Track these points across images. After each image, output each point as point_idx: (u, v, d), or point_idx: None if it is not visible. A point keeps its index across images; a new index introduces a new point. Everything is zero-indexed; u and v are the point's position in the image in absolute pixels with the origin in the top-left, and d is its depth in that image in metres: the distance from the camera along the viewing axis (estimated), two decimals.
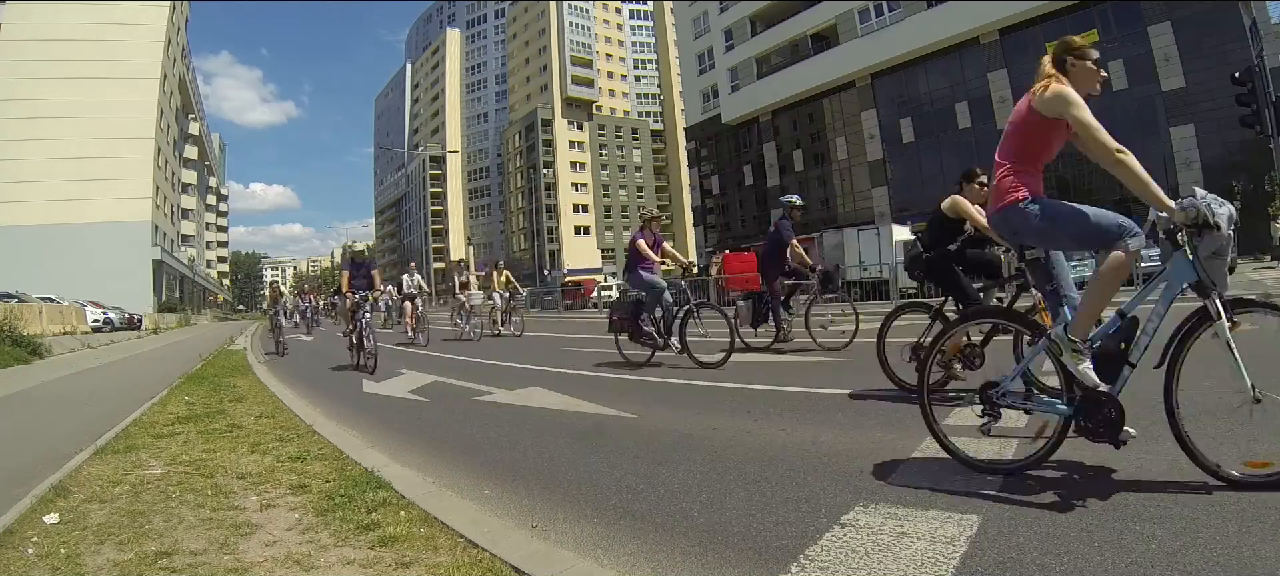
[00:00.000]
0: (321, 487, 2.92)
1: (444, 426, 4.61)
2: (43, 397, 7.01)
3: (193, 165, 61.83)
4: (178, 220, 56.35)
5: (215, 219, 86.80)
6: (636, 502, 2.59)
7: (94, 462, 3.52)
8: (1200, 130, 23.87)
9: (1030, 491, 2.29)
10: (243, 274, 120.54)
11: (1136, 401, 3.46)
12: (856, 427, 3.51)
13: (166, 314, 37.09)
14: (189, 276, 57.49)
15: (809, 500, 2.42)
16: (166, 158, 49.79)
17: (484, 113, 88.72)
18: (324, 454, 3.60)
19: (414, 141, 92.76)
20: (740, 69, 41.63)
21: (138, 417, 4.89)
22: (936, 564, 1.80)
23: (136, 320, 27.82)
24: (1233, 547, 1.74)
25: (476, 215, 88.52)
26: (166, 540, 2.33)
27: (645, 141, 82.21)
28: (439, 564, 2.02)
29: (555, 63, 75.86)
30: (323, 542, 2.27)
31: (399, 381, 6.96)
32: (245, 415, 4.98)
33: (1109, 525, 1.95)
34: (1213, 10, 23.56)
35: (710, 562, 1.99)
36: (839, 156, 36.72)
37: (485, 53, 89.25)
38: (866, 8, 34.01)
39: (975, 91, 30.45)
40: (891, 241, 18.76)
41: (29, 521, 2.55)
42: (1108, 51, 26.31)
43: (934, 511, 2.17)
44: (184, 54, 56.99)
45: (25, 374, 9.37)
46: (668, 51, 76.11)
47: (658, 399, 4.86)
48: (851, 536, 2.04)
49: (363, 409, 5.51)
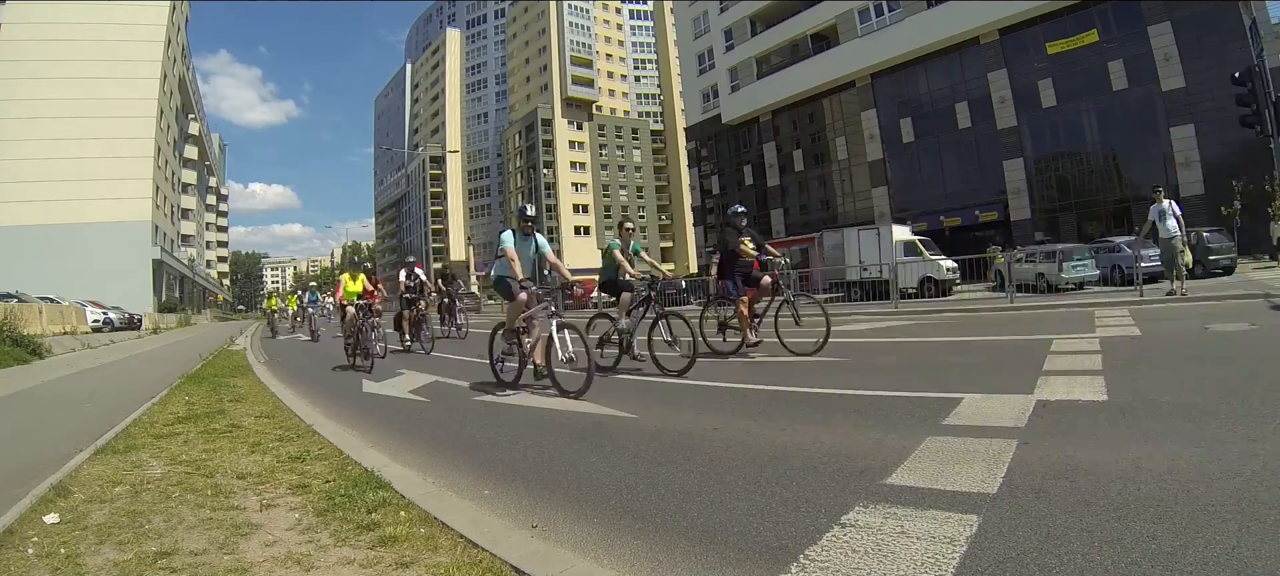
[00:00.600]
0: (321, 487, 2.92)
1: (444, 426, 4.60)
2: (43, 397, 7.01)
3: (193, 165, 61.82)
4: (178, 220, 56.33)
5: (215, 219, 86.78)
6: (636, 502, 2.58)
7: (94, 462, 3.52)
8: (1200, 130, 23.84)
9: (1030, 491, 2.29)
10: (243, 274, 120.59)
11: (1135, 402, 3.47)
12: (856, 427, 3.51)
13: (166, 314, 37.10)
14: (189, 276, 57.47)
15: (809, 500, 2.42)
16: (166, 158, 49.77)
17: (484, 113, 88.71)
18: (324, 454, 3.60)
19: (414, 141, 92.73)
20: (740, 69, 41.60)
21: (138, 417, 4.89)
22: (936, 564, 1.80)
23: (136, 320, 27.82)
24: (1233, 547, 1.74)
25: (476, 215, 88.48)
26: (166, 540, 2.33)
27: (645, 141, 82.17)
28: (439, 564, 2.03)
29: (555, 63, 75.84)
30: (323, 542, 2.27)
31: (399, 381, 6.96)
32: (245, 415, 4.98)
33: (1109, 525, 1.95)
34: (1213, 10, 23.53)
35: (710, 562, 1.98)
36: (839, 156, 36.68)
37: (485, 53, 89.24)
38: (866, 8, 33.98)
39: (975, 91, 30.42)
40: (892, 241, 18.75)
41: (29, 521, 2.55)
42: (1108, 51, 26.35)
43: (934, 511, 2.17)
44: (184, 54, 56.98)
45: (25, 374, 9.37)
46: (668, 51, 76.09)
47: (658, 399, 4.85)
48: (851, 536, 2.04)
49: (363, 409, 5.51)
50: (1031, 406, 3.55)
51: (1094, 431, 3.02)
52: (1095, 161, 27.68)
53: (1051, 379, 4.32)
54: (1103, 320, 8.10)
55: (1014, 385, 4.19)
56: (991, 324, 9.14)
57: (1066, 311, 10.07)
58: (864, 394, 4.35)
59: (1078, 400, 3.67)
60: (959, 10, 29.72)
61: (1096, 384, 4.05)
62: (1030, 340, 6.65)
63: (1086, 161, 28.04)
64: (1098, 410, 3.41)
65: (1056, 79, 27.84)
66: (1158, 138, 25.15)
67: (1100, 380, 4.15)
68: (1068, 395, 3.80)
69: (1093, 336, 6.52)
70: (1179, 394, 3.55)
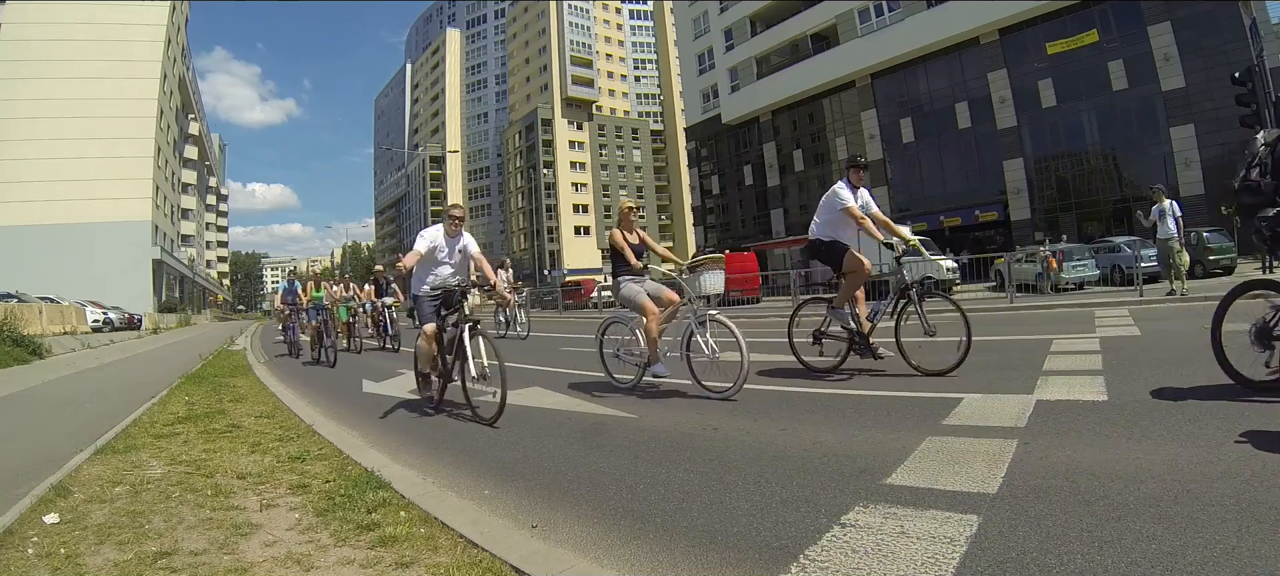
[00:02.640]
0: (321, 487, 2.92)
1: (444, 426, 4.60)
2: (43, 397, 7.01)
3: (193, 165, 61.83)
4: (178, 220, 56.35)
5: (215, 219, 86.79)
6: (636, 502, 2.58)
7: (94, 462, 3.52)
8: (1200, 130, 23.86)
9: (1030, 491, 2.29)
10: (242, 274, 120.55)
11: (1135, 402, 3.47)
12: (856, 427, 3.51)
13: (166, 314, 37.13)
14: (189, 276, 57.48)
15: (809, 500, 2.42)
16: (166, 158, 49.79)
17: (484, 113, 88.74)
18: (324, 454, 3.60)
19: (414, 141, 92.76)
20: (740, 69, 41.63)
21: (138, 417, 4.89)
22: (936, 564, 1.79)
23: (136, 320, 27.85)
24: (1233, 548, 1.74)
25: (476, 215, 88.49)
26: (166, 540, 2.34)
27: (645, 141, 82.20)
28: (439, 564, 2.03)
29: (555, 63, 75.86)
30: (323, 542, 2.27)
31: (399, 381, 6.96)
32: (245, 415, 4.98)
33: (1109, 525, 1.95)
34: (1213, 10, 23.54)
35: (710, 562, 1.98)
36: (839, 156, 36.66)
37: (485, 53, 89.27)
38: (866, 8, 34.00)
39: (975, 91, 30.44)
40: None
41: (29, 521, 2.55)
42: (1108, 51, 26.35)
43: (934, 511, 2.17)
44: (184, 54, 57.00)
45: (25, 374, 9.37)
46: (668, 51, 76.11)
47: (658, 399, 4.85)
48: (851, 536, 2.04)
49: (363, 409, 5.51)
50: (1031, 406, 3.55)
51: (1094, 431, 3.01)
52: (1095, 161, 27.70)
53: (1051, 379, 4.32)
54: (1103, 320, 8.10)
55: (1014, 385, 4.19)
56: (992, 324, 9.13)
57: (1066, 311, 10.07)
58: (864, 394, 4.35)
59: (1078, 400, 3.67)
60: (959, 10, 29.73)
61: (1096, 384, 4.05)
62: (1030, 340, 6.65)
63: (1086, 161, 28.06)
64: (1098, 410, 3.41)
65: (1056, 79, 27.85)
66: (1158, 138, 25.16)
67: (1100, 380, 4.15)
68: (1068, 395, 3.80)
69: (1093, 336, 6.52)
70: (1179, 394, 3.55)
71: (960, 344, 4.67)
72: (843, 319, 5.25)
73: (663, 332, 5.00)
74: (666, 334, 5.14)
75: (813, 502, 2.39)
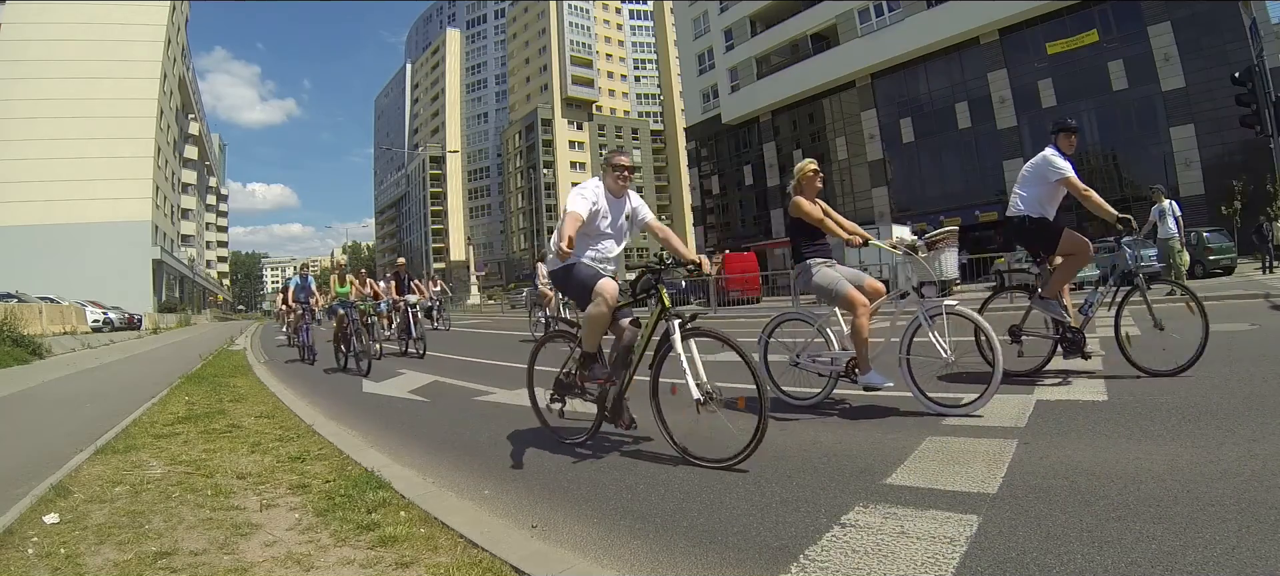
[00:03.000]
0: (321, 487, 2.92)
1: (444, 426, 4.60)
2: (43, 397, 7.01)
3: (193, 165, 61.85)
4: (178, 220, 56.37)
5: (215, 219, 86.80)
6: (636, 503, 2.58)
7: (94, 462, 3.52)
8: (1200, 130, 23.88)
9: (1030, 491, 2.29)
10: (242, 274, 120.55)
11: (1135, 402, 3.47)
12: (856, 427, 3.51)
13: (166, 314, 37.12)
14: (189, 276, 57.49)
15: (809, 500, 2.42)
16: (166, 158, 49.80)
17: (484, 113, 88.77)
18: (324, 454, 3.60)
19: (414, 141, 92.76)
20: (740, 69, 41.63)
21: (138, 417, 4.89)
22: (936, 564, 1.79)
23: (136, 320, 27.84)
24: (1233, 548, 1.74)
25: (476, 215, 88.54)
26: (166, 540, 2.33)
27: (645, 141, 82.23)
28: (439, 564, 2.03)
29: (555, 63, 75.90)
30: (323, 542, 2.27)
31: (399, 381, 6.96)
32: (245, 415, 4.98)
33: (1109, 525, 1.95)
34: (1213, 10, 23.55)
35: (710, 562, 1.98)
36: (839, 156, 36.69)
37: (485, 53, 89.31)
38: (866, 8, 34.01)
39: (975, 91, 30.45)
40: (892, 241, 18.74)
41: (29, 521, 2.55)
42: (1108, 51, 26.36)
43: (934, 511, 2.17)
44: (184, 54, 57.01)
45: (25, 374, 9.37)
46: (668, 51, 76.12)
47: None
48: (851, 536, 2.04)
49: (363, 409, 5.51)
50: (1031, 406, 3.55)
51: (1094, 431, 3.01)
52: (1095, 161, 27.69)
53: (1051, 379, 4.33)
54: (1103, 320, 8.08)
55: (1014, 385, 4.19)
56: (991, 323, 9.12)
57: None
58: (864, 394, 4.34)
59: (1078, 400, 3.67)
60: (959, 10, 29.74)
61: (1096, 384, 4.06)
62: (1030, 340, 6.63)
63: (1086, 161, 28.02)
64: (1098, 410, 3.41)
65: (1056, 79, 27.86)
66: (1158, 138, 25.18)
67: (1100, 380, 4.15)
68: (1068, 395, 3.81)
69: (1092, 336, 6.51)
70: (1179, 394, 3.55)
71: (1198, 340, 3.96)
72: (1054, 311, 4.36)
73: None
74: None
75: (812, 502, 2.39)
